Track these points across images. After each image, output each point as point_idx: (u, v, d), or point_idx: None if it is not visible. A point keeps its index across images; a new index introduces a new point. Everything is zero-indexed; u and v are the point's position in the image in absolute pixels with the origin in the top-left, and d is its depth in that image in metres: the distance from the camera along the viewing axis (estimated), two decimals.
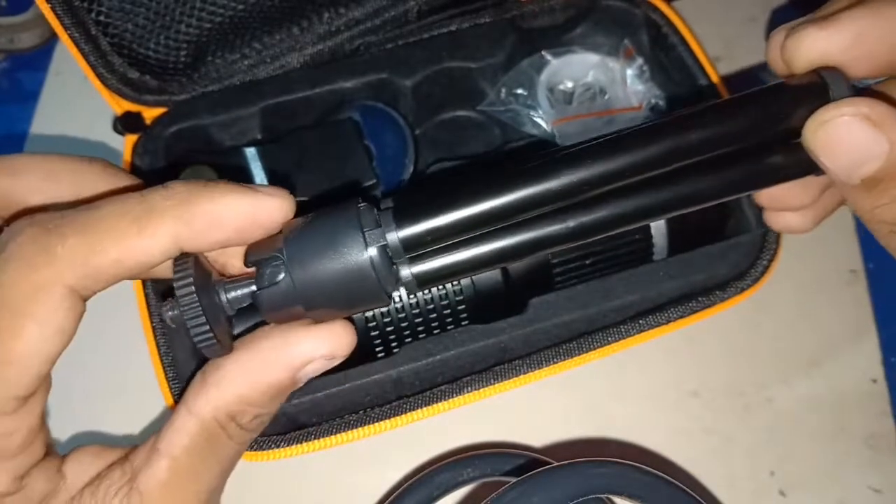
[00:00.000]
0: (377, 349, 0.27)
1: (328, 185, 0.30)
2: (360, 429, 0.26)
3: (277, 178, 0.31)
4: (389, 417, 0.26)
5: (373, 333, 0.27)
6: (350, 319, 0.21)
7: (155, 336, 0.27)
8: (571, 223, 0.20)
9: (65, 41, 0.28)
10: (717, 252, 0.29)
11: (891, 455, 0.32)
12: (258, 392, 0.21)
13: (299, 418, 0.27)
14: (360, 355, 0.27)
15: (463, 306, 0.27)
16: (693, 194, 0.21)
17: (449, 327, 0.27)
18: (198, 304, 0.19)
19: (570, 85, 0.35)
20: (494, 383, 0.27)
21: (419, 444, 0.31)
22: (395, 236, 0.19)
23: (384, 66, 0.33)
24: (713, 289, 0.28)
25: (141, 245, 0.19)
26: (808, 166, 0.21)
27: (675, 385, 0.33)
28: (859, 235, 0.37)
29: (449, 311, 0.27)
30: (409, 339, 0.27)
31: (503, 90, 0.34)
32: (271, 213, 0.20)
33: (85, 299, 0.19)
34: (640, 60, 0.35)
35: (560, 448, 0.32)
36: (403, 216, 0.19)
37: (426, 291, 0.27)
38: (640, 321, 0.28)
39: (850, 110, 0.19)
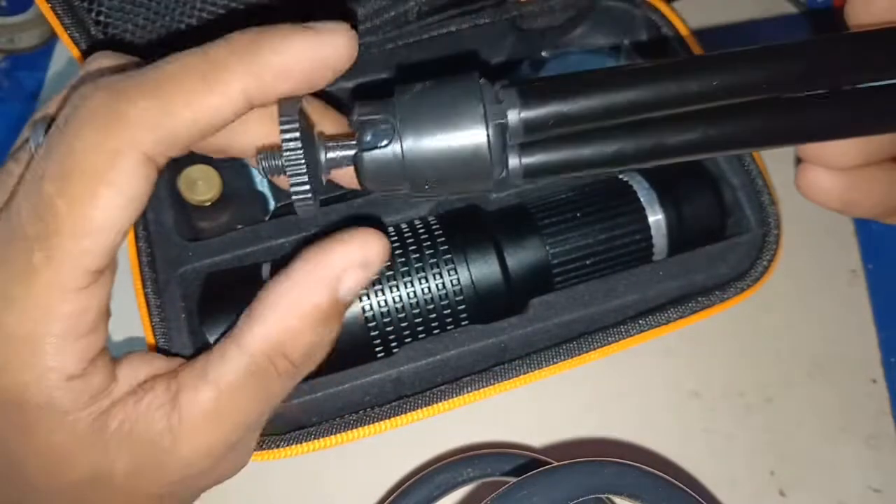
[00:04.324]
0: (377, 349, 0.27)
1: (328, 186, 0.30)
2: (360, 429, 0.26)
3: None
4: (389, 417, 0.26)
5: (373, 333, 0.27)
6: (382, 228, 0.21)
7: (155, 336, 0.27)
8: (694, 135, 0.19)
9: (65, 41, 0.28)
10: (717, 252, 0.29)
11: (891, 455, 0.32)
12: (302, 319, 0.20)
13: (299, 418, 0.27)
14: (360, 355, 0.27)
15: (463, 306, 0.27)
16: (815, 127, 0.20)
17: (449, 327, 0.27)
18: (302, 157, 0.18)
19: None
20: (494, 383, 0.27)
21: (419, 444, 0.31)
22: (517, 116, 0.18)
23: (384, 66, 0.33)
24: (713, 289, 0.28)
25: (212, 103, 0.18)
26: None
27: (675, 385, 0.33)
28: (859, 235, 0.37)
29: (449, 311, 0.27)
30: (409, 339, 0.27)
31: None
32: (339, 53, 0.19)
33: (158, 168, 0.19)
34: (639, 61, 0.35)
35: (560, 448, 0.32)
36: (530, 96, 0.18)
37: (425, 290, 0.27)
38: (640, 321, 0.28)
39: None
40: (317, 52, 0.19)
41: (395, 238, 0.28)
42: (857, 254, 0.36)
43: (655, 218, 0.29)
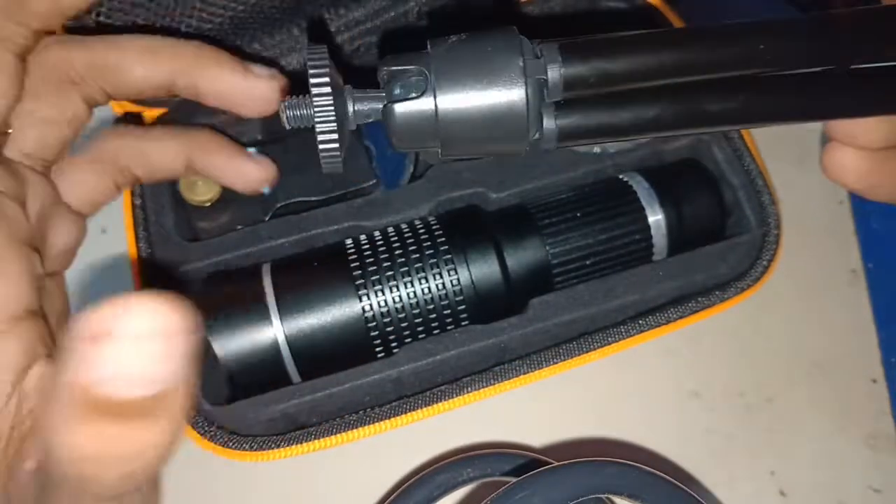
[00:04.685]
0: (377, 349, 0.27)
1: (328, 186, 0.30)
2: (360, 429, 0.26)
3: (277, 179, 0.31)
4: (389, 417, 0.26)
5: (373, 334, 0.27)
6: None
7: None
8: (735, 103, 0.19)
9: None
10: (717, 252, 0.29)
11: (891, 455, 0.32)
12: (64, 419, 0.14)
13: (299, 418, 0.27)
14: (360, 355, 0.27)
15: (463, 306, 0.27)
16: (854, 103, 0.20)
17: (449, 327, 0.27)
18: (332, 106, 0.17)
19: None
20: (494, 383, 0.27)
21: (419, 444, 0.31)
22: (557, 72, 0.18)
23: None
24: (713, 289, 0.28)
25: None
26: None
27: (675, 385, 0.33)
28: (859, 235, 0.37)
29: (449, 311, 0.27)
30: (409, 339, 0.27)
31: None
32: None
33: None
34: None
35: (560, 448, 0.32)
36: (572, 51, 0.18)
37: (425, 290, 0.27)
38: (640, 321, 0.28)
39: None
40: None
41: (395, 238, 0.28)
42: (857, 254, 0.36)
43: (655, 218, 0.29)
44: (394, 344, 0.27)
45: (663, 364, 0.34)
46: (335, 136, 0.17)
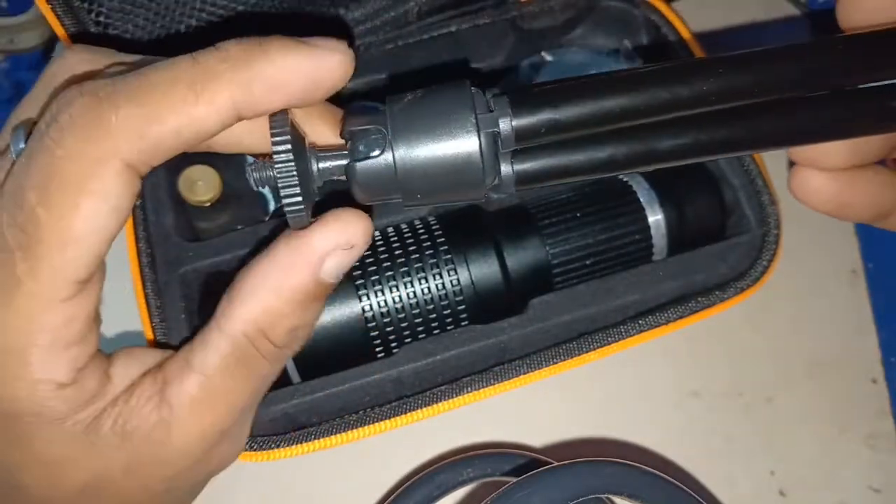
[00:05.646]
0: (377, 349, 0.27)
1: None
2: (360, 429, 0.26)
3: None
4: (389, 417, 0.26)
5: (373, 333, 0.27)
6: (367, 210, 0.20)
7: (155, 337, 0.27)
8: (686, 139, 0.19)
9: (65, 42, 0.28)
10: (716, 252, 0.29)
11: (891, 455, 0.32)
12: (283, 301, 0.20)
13: (299, 418, 0.27)
14: (360, 355, 0.27)
15: (463, 306, 0.27)
16: (806, 129, 0.20)
17: (449, 327, 0.27)
18: (293, 168, 0.18)
19: None
20: (494, 383, 0.27)
21: (419, 444, 0.31)
22: (508, 124, 0.18)
23: (384, 67, 0.33)
24: (713, 289, 0.28)
25: (198, 113, 0.18)
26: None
27: (676, 385, 0.33)
28: (859, 235, 0.37)
29: (449, 311, 0.27)
30: (409, 339, 0.27)
31: None
32: (333, 71, 0.19)
33: (140, 176, 0.18)
34: (639, 61, 0.35)
35: (560, 448, 0.32)
36: (521, 104, 0.19)
37: (425, 290, 0.27)
38: (640, 321, 0.28)
39: None
40: (312, 69, 0.19)
41: (395, 238, 0.28)
42: (857, 254, 0.36)
43: (655, 218, 0.29)
44: (394, 344, 0.27)
45: (663, 364, 0.34)
46: (298, 198, 0.18)
